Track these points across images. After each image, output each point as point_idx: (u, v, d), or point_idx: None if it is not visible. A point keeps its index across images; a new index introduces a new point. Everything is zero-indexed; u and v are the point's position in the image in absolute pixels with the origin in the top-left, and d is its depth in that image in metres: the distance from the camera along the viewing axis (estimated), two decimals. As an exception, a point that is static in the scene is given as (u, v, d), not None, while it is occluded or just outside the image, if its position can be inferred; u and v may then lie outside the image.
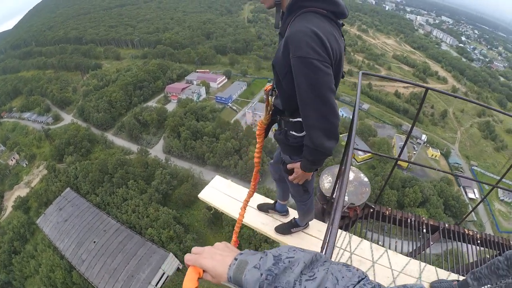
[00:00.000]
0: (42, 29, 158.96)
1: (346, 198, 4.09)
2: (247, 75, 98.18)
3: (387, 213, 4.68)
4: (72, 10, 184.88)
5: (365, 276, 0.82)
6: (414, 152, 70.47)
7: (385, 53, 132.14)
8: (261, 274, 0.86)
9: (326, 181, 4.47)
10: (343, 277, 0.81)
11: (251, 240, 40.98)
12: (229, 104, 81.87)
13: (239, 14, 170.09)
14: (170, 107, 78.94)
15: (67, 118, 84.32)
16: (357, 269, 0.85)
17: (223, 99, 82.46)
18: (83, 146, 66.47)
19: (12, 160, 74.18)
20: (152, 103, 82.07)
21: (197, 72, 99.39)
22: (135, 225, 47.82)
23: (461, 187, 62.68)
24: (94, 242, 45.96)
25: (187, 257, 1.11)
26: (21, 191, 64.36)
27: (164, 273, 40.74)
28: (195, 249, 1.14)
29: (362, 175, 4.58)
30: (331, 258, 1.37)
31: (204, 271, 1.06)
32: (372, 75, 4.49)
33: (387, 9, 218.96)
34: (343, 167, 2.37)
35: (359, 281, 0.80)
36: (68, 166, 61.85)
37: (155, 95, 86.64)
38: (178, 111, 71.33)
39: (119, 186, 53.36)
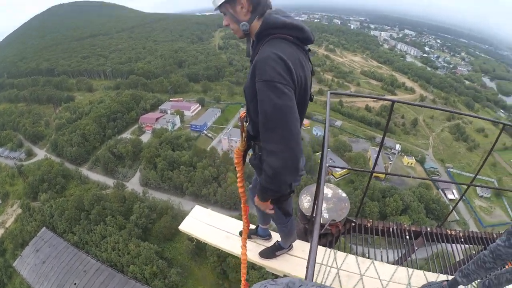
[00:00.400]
0: (14, 61, 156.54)
1: (327, 215, 4.16)
2: (221, 101, 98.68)
3: (369, 225, 4.70)
4: (44, 41, 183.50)
5: None
6: (390, 162, 71.72)
7: (353, 70, 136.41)
8: None
9: (305, 201, 4.45)
10: None
11: (237, 268, 40.03)
12: (204, 131, 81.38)
13: (210, 42, 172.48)
14: (145, 138, 77.71)
15: (40, 153, 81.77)
16: None
17: (198, 127, 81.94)
18: (57, 182, 64.02)
19: (-16, 200, 70.98)
20: (126, 135, 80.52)
21: (171, 101, 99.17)
22: (116, 263, 45.94)
23: (439, 189, 64.14)
24: (75, 284, 44.00)
25: None
26: (-5, 234, 61.39)
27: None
28: None
29: (340, 191, 4.60)
30: (312, 277, 1.40)
31: None
32: (339, 94, 5.05)
33: (352, 28, 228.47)
34: (319, 185, 2.29)
35: None
36: (43, 204, 59.27)
37: (129, 126, 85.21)
38: (153, 142, 70.17)
39: (97, 223, 51.48)
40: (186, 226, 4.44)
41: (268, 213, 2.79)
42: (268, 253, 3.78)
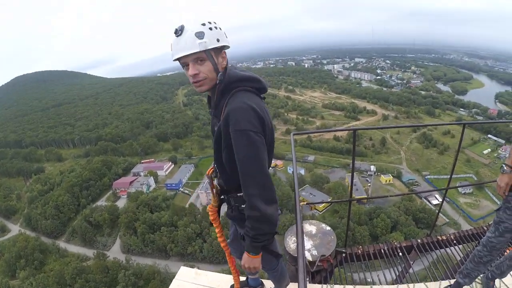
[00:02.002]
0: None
1: (315, 252, 4.03)
2: (193, 156, 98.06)
3: (360, 251, 4.62)
4: (9, 112, 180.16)
5: None
6: (369, 184, 71.62)
7: (315, 105, 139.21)
8: None
9: (291, 242, 4.25)
10: None
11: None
12: (180, 189, 79.66)
13: (174, 100, 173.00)
14: (121, 203, 74.48)
15: (14, 229, 76.69)
16: None
17: (173, 185, 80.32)
18: (35, 258, 59.65)
19: (-42, 285, 64.88)
20: (101, 202, 77.03)
21: (142, 163, 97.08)
22: None
23: (422, 198, 64.25)
24: None
25: None
26: (-27, 322, 56.32)
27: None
28: None
29: (323, 225, 4.51)
30: None
31: None
32: (302, 133, 6.89)
33: (306, 66, 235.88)
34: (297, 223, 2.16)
35: None
36: (22, 282, 54.82)
37: (103, 193, 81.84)
38: (130, 206, 66.81)
39: (83, 296, 47.58)
40: None
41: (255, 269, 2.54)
42: None
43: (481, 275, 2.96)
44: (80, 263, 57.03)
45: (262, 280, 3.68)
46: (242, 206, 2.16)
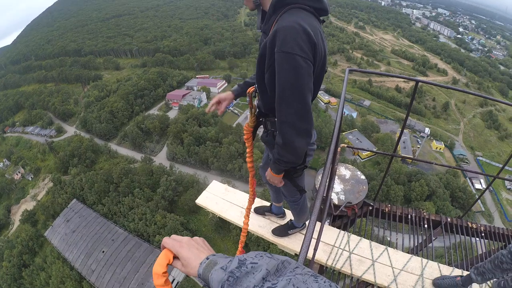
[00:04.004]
0: (41, 43, 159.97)
1: (343, 197, 4.11)
2: (247, 78, 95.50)
3: (387, 210, 4.60)
4: (69, 23, 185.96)
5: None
6: (418, 146, 70.08)
7: (383, 48, 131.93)
8: (225, 275, 0.87)
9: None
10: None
11: (259, 242, 40.88)
12: (230, 108, 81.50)
13: (236, 18, 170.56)
14: (172, 114, 78.91)
15: (70, 130, 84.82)
16: (326, 281, 0.80)
17: None
18: (87, 157, 66.87)
19: (17, 175, 74.64)
20: (153, 111, 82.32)
21: (197, 78, 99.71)
22: (143, 233, 47.77)
23: (467, 178, 62.11)
24: (103, 251, 46.13)
25: (166, 240, 1.15)
26: (28, 205, 64.59)
27: (174, 279, 40.58)
28: (175, 236, 1.18)
29: (359, 173, 4.53)
30: (306, 255, 1.42)
31: (174, 257, 1.11)
32: (358, 71, 4.21)
33: (383, 4, 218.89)
34: (331, 165, 2.30)
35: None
36: (73, 177, 62.06)
37: (156, 103, 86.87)
38: (180, 118, 71.19)
39: (125, 195, 53.49)
40: (202, 200, 4.51)
41: (280, 189, 3.06)
42: (281, 231, 3.84)
43: (494, 280, 2.93)
44: (127, 164, 63.05)
45: (285, 209, 4.02)
46: (272, 132, 2.30)
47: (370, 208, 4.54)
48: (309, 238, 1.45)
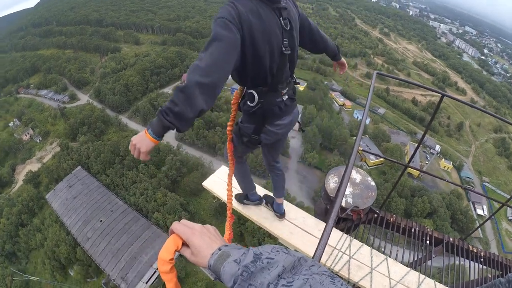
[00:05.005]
0: (64, 9, 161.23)
1: (351, 200, 4.08)
2: None
3: (392, 220, 4.56)
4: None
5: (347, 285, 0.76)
6: (427, 162, 69.51)
7: (405, 58, 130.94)
8: (239, 269, 0.86)
9: (332, 181, 4.38)
10: None
11: (254, 233, 41.34)
12: None
13: None
14: (186, 95, 78.82)
15: (83, 98, 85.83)
16: (343, 284, 0.78)
17: None
18: (97, 126, 67.92)
19: (26, 135, 75.98)
20: (168, 90, 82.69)
21: None
22: (142, 208, 48.47)
23: (470, 202, 61.63)
24: (101, 221, 47.02)
25: (176, 225, 1.14)
26: (32, 166, 65.90)
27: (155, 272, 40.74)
28: (186, 221, 1.17)
29: (369, 178, 4.50)
30: (320, 259, 1.50)
31: (183, 244, 1.09)
32: (387, 76, 4.30)
33: (410, 14, 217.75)
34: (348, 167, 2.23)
35: None
36: (81, 145, 63.09)
37: (171, 82, 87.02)
38: None
39: (130, 168, 54.23)
40: (209, 184, 4.48)
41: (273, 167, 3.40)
42: (239, 198, 4.02)
43: None
44: (136, 139, 63.90)
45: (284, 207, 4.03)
46: (247, 101, 2.40)
47: (376, 215, 4.52)
48: (325, 241, 1.55)
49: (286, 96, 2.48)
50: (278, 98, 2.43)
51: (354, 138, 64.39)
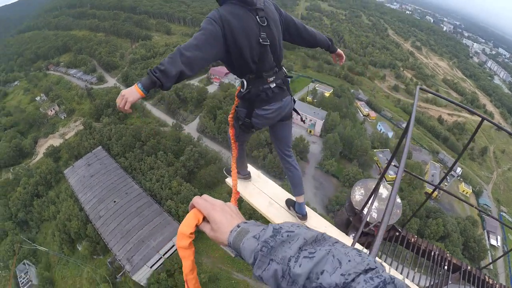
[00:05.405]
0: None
1: (375, 215, 4.02)
2: (292, 71, 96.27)
3: (412, 240, 4.50)
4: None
5: (376, 267, 0.74)
6: (446, 184, 67.62)
7: (435, 75, 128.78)
8: (258, 245, 0.86)
9: (358, 193, 4.32)
10: (349, 261, 0.74)
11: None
12: None
13: (294, 9, 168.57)
14: (211, 88, 79.67)
15: (111, 81, 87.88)
16: (371, 258, 0.76)
17: None
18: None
19: (51, 111, 77.97)
20: (194, 82, 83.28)
21: None
22: (156, 194, 48.79)
23: (485, 230, 60.09)
24: (115, 201, 47.53)
25: (198, 200, 1.15)
26: (54, 141, 67.59)
27: (173, 246, 41.25)
28: (207, 197, 1.18)
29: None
30: None
31: (203, 220, 1.10)
32: (430, 92, 4.03)
33: (444, 29, 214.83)
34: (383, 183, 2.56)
35: (366, 270, 0.73)
36: (103, 126, 64.58)
37: (198, 74, 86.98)
38: (218, 94, 71.75)
39: (149, 154, 54.88)
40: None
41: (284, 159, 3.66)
42: (228, 170, 4.35)
43: None
44: (158, 126, 64.86)
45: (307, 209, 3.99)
46: (241, 88, 2.86)
47: (397, 234, 4.48)
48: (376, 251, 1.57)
49: (274, 84, 2.89)
50: (265, 85, 2.84)
51: (375, 150, 63.35)
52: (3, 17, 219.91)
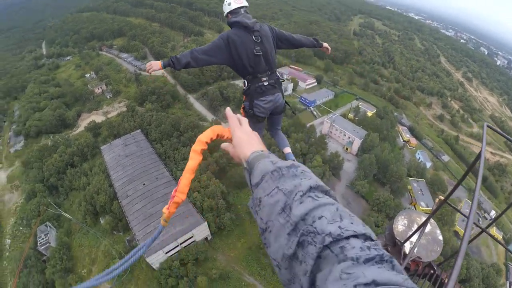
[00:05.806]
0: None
1: (415, 249, 3.84)
2: (337, 85, 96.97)
3: (446, 281, 4.14)
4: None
5: (377, 241, 0.72)
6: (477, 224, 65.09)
7: (483, 109, 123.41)
8: (271, 168, 0.90)
9: (401, 224, 4.32)
10: (351, 223, 0.73)
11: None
12: (311, 107, 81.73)
13: (347, 24, 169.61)
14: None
15: (159, 71, 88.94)
16: (373, 234, 0.75)
17: (307, 101, 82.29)
18: (165, 99, 71.38)
19: (98, 89, 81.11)
20: (239, 82, 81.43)
21: (290, 67, 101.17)
22: (184, 185, 49.42)
23: (507, 281, 56.95)
24: (144, 184, 48.79)
25: (231, 114, 1.28)
26: (97, 117, 70.08)
27: (192, 237, 41.86)
28: (241, 117, 1.30)
29: (438, 231, 4.35)
30: None
31: (223, 137, 1.19)
32: (498, 132, 3.31)
33: (498, 63, 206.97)
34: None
35: (366, 237, 0.72)
36: (146, 111, 66.46)
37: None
38: None
39: (185, 145, 55.94)
40: None
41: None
42: None
43: None
44: (198, 120, 66.06)
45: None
46: (244, 87, 4.09)
47: (432, 272, 4.31)
48: None
49: (266, 82, 3.97)
50: (259, 83, 3.94)
51: (410, 179, 61.83)
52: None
